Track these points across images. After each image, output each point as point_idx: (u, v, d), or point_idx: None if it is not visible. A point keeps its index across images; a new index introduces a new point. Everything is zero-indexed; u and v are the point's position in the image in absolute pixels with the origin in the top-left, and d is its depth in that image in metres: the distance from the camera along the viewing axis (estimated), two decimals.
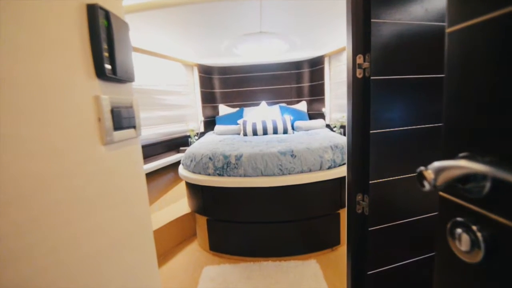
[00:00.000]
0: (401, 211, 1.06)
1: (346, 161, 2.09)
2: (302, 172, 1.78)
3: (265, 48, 3.04)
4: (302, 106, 3.80)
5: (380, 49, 0.94)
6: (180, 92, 3.31)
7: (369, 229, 1.03)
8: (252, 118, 3.29)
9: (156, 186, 2.71)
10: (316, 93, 3.73)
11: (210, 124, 3.77)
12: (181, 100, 3.34)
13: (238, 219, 1.88)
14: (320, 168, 1.81)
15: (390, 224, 1.05)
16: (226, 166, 1.81)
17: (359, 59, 0.97)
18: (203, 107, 3.67)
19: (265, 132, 3.01)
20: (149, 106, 2.79)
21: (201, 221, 2.04)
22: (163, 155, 2.92)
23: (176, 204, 2.47)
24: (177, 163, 2.31)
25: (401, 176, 1.04)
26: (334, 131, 3.19)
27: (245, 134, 3.03)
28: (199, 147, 2.20)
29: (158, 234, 2.00)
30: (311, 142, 1.98)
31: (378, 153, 1.00)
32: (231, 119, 3.49)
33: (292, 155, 1.77)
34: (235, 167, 1.80)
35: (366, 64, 0.96)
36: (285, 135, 2.94)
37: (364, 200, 1.05)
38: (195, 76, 3.58)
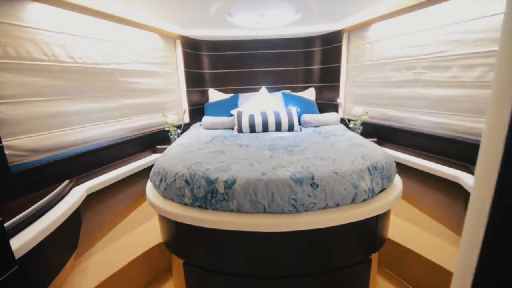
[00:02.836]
0: None
1: (385, 186, 1.49)
2: (326, 207, 1.18)
3: (269, 16, 2.30)
4: (310, 93, 3.12)
5: None
6: (158, 73, 2.58)
7: None
8: (249, 108, 2.62)
9: (122, 201, 2.07)
10: (329, 79, 3.03)
11: (197, 112, 3.08)
12: (159, 83, 2.61)
13: (228, 269, 1.29)
14: (352, 201, 1.21)
15: None
16: (210, 196, 1.19)
17: None
18: (188, 92, 2.96)
19: (265, 129, 2.37)
20: (113, 92, 2.08)
21: (177, 261, 1.46)
22: (134, 157, 2.25)
23: (148, 225, 1.86)
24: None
25: None
26: (350, 128, 2.57)
27: (240, 131, 2.37)
28: (174, 155, 1.55)
29: (122, 274, 1.42)
30: (337, 158, 1.36)
31: None
32: (224, 108, 2.81)
33: (312, 184, 1.15)
34: (224, 198, 1.17)
35: None
36: (291, 133, 2.30)
37: None
38: (178, 52, 2.82)
